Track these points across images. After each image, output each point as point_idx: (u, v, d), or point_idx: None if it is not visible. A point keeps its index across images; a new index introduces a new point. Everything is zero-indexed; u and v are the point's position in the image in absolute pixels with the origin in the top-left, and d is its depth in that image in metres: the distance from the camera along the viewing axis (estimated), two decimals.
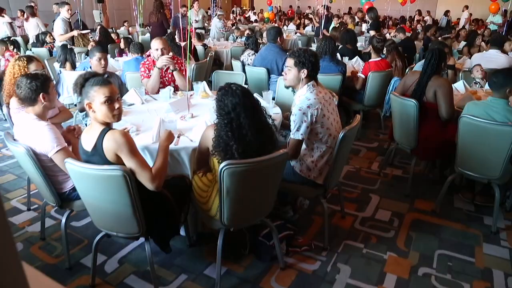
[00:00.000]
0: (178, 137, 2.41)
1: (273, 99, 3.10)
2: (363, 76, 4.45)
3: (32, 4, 9.30)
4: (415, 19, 14.13)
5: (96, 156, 1.86)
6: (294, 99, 2.56)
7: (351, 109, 4.68)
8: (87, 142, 1.91)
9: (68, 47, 4.97)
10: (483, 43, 6.77)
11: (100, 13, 13.16)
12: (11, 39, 8.08)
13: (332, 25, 8.51)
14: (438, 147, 3.16)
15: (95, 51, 3.45)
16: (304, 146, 2.40)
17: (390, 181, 3.62)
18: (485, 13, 12.22)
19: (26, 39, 8.86)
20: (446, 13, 14.22)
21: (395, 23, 13.23)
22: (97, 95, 1.84)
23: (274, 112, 2.84)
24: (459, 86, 4.04)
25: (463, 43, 7.15)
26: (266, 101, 2.98)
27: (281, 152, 1.92)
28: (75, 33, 6.54)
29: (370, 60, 4.57)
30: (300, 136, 2.29)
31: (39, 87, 2.28)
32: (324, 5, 7.26)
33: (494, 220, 2.79)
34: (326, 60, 4.16)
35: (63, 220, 2.33)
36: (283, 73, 2.52)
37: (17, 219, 2.94)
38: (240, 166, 1.82)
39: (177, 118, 2.71)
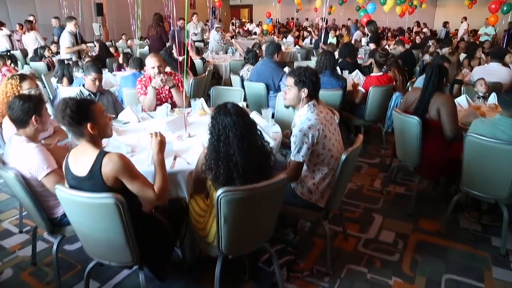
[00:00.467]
0: (175, 159, 2.33)
1: (273, 116, 3.02)
2: (363, 90, 4.40)
3: (31, 18, 9.32)
4: (414, 30, 14.21)
5: (91, 181, 1.77)
6: (294, 119, 2.48)
7: (352, 124, 4.61)
8: (78, 167, 1.82)
9: (66, 62, 4.91)
10: (483, 55, 6.75)
11: (100, 26, 13.22)
12: (9, 53, 8.12)
13: (329, 39, 8.48)
14: (443, 165, 3.07)
15: (91, 70, 3.38)
16: (305, 167, 2.32)
17: (393, 199, 3.53)
18: (483, 24, 12.25)
19: (25, 52, 8.84)
20: (445, 24, 14.28)
21: (394, 35, 13.26)
22: None
23: (274, 130, 2.77)
24: (461, 101, 3.97)
25: (463, 55, 7.13)
26: (266, 119, 2.90)
27: (280, 177, 1.83)
28: (83, 46, 6.53)
29: (371, 75, 4.51)
30: (301, 158, 2.20)
31: (32, 109, 2.21)
32: (324, 18, 7.23)
33: (503, 241, 2.70)
34: (327, 75, 4.11)
35: (54, 246, 2.24)
36: (282, 92, 2.44)
37: (8, 242, 2.84)
38: (238, 193, 1.73)
39: (173, 138, 2.63)
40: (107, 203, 1.69)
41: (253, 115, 2.92)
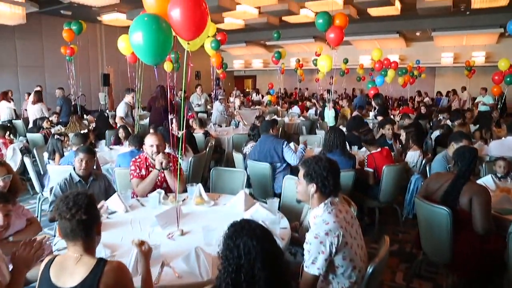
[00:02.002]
0: (162, 267, 1.91)
1: (279, 208, 2.65)
2: (371, 170, 4.08)
3: (39, 88, 9.42)
4: (416, 99, 14.35)
5: None
6: (306, 213, 2.11)
7: (365, 206, 4.20)
8: (65, 277, 1.51)
9: (56, 137, 4.67)
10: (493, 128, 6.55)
11: (105, 95, 13.44)
12: (11, 123, 8.04)
13: (326, 112, 8.17)
14: (479, 262, 2.62)
15: (79, 151, 3.11)
16: (321, 277, 1.88)
17: None
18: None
19: (27, 122, 8.77)
20: (447, 93, 14.42)
21: (398, 104, 13.37)
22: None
23: (281, 226, 2.37)
24: (487, 181, 3.59)
25: (471, 126, 6.92)
26: (272, 211, 2.52)
27: None
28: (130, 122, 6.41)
29: (372, 152, 4.22)
30: (317, 271, 1.78)
31: None
32: (330, 91, 7.17)
33: None
34: (337, 154, 3.80)
35: None
36: (295, 182, 2.09)
37: None
38: None
39: (162, 237, 2.23)
40: None
41: (258, 208, 2.54)
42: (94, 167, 3.42)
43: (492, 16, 11.93)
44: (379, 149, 4.19)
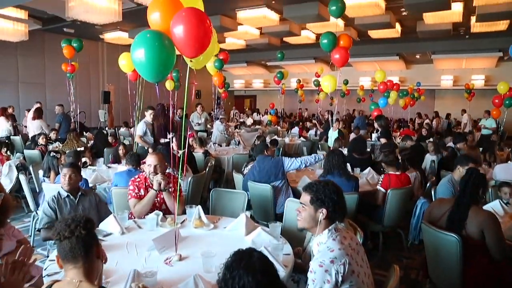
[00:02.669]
0: None
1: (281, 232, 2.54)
2: (383, 190, 3.95)
3: (39, 105, 9.38)
4: (416, 121, 14.35)
5: None
6: (309, 240, 2.01)
7: (368, 230, 4.08)
8: None
9: (51, 154, 4.58)
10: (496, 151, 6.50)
11: (105, 113, 13.41)
12: (8, 140, 7.96)
13: (331, 133, 8.16)
14: None
15: (63, 166, 3.12)
16: None
17: None
18: (481, 116, 12.35)
19: (26, 138, 8.69)
20: (448, 116, 14.44)
21: (398, 126, 13.36)
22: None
23: (284, 252, 2.26)
24: (495, 206, 3.49)
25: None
26: (274, 236, 2.42)
27: None
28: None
29: (390, 173, 4.11)
30: None
31: None
32: (333, 112, 7.13)
33: None
34: (336, 176, 3.72)
35: None
36: (296, 211, 1.99)
37: None
38: None
39: (158, 264, 2.12)
40: None
41: (260, 232, 2.44)
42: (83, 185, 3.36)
43: (491, 40, 12.08)
44: (398, 172, 4.10)
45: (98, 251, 1.61)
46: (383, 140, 6.15)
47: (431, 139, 7.63)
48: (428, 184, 4.27)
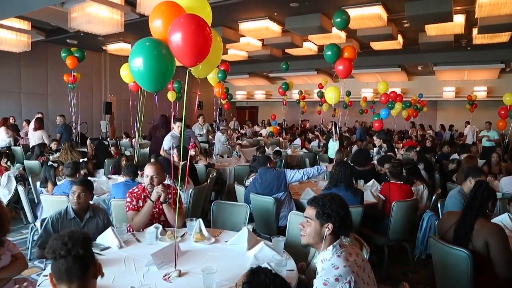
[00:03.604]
0: None
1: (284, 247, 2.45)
2: (382, 197, 3.89)
3: (40, 115, 9.36)
4: (419, 133, 14.27)
5: None
6: (315, 263, 1.92)
7: (373, 243, 3.97)
8: None
9: (49, 164, 4.52)
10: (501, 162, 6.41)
11: (107, 124, 13.38)
12: (9, 150, 7.90)
13: (331, 143, 8.09)
14: None
15: (73, 183, 2.93)
16: None
17: None
18: (483, 127, 12.27)
19: (26, 148, 8.65)
20: (451, 127, 14.35)
21: (400, 137, 13.29)
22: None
23: (288, 268, 2.17)
24: (504, 219, 3.39)
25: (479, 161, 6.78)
26: (277, 251, 2.33)
27: None
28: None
29: (391, 181, 4.04)
30: None
31: None
32: (337, 123, 7.07)
33: None
34: (342, 189, 3.63)
35: None
36: (299, 226, 1.91)
37: None
38: None
39: (156, 281, 2.04)
40: None
41: (262, 247, 2.36)
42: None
43: (493, 52, 12.07)
44: (400, 182, 4.03)
45: (95, 270, 1.51)
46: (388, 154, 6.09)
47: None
48: (434, 197, 4.18)
